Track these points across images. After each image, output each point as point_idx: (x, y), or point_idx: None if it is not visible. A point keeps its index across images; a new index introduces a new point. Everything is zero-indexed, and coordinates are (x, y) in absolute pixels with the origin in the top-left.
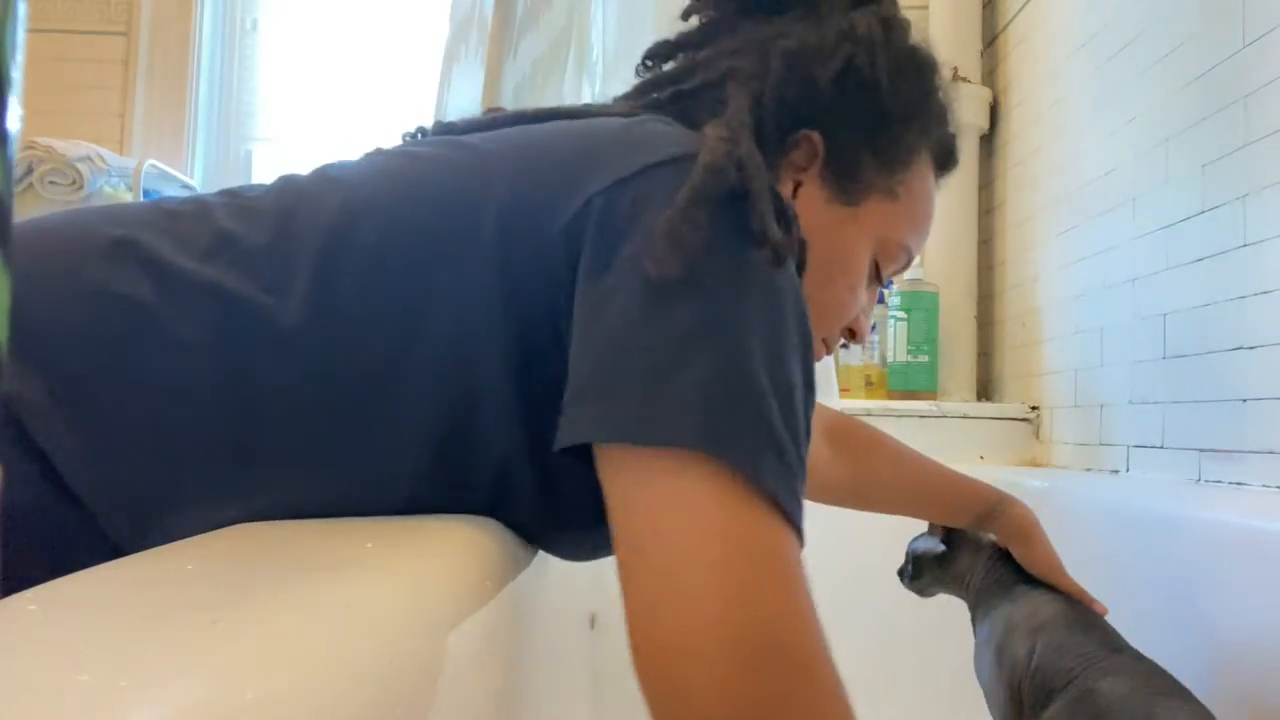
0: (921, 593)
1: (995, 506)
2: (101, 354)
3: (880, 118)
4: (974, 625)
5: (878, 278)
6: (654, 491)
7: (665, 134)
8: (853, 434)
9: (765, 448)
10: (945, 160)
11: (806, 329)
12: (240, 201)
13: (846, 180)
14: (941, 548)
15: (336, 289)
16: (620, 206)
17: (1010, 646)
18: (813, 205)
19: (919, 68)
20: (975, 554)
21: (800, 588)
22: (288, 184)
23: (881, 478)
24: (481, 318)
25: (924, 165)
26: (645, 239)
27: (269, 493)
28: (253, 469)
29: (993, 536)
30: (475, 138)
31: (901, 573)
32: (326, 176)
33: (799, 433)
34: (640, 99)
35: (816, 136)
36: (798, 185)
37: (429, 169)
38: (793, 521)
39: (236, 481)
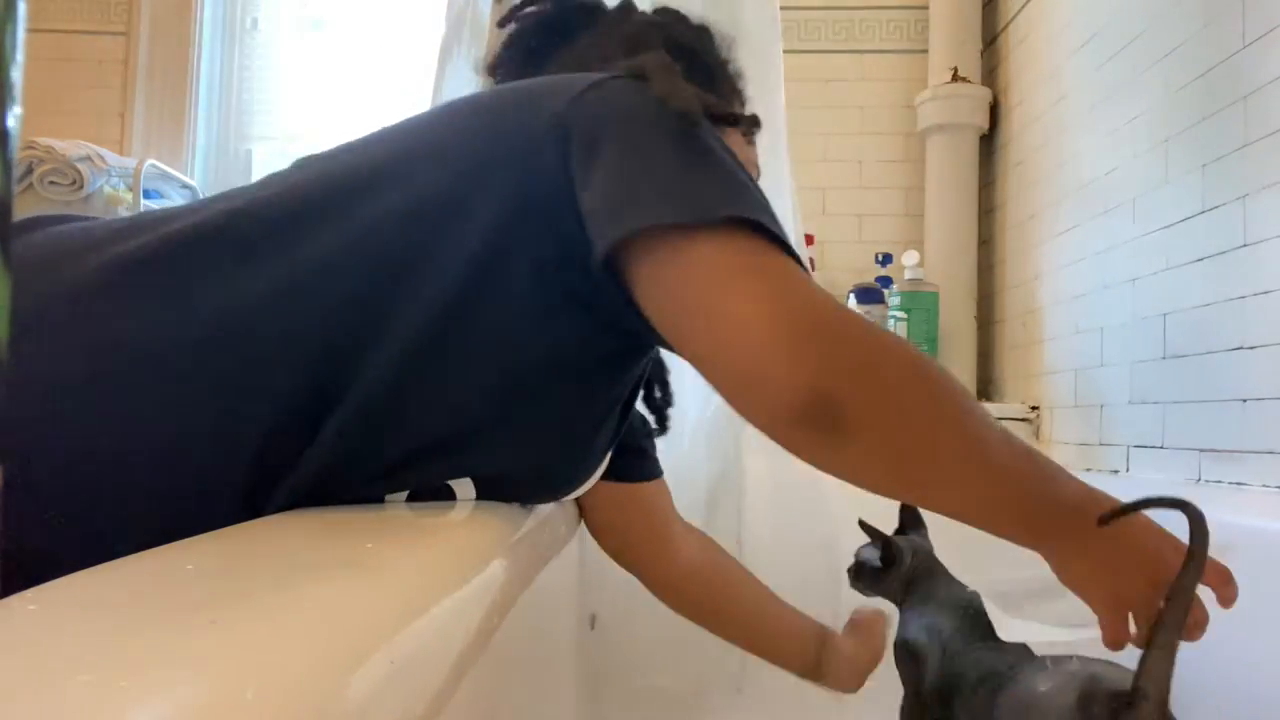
0: (863, 593)
1: (821, 645)
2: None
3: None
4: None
5: None
6: (701, 259)
7: (588, 72)
8: (712, 544)
9: (766, 213)
10: None
11: None
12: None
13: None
14: (878, 563)
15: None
16: (591, 107)
17: (917, 647)
18: None
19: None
20: (897, 578)
21: (820, 290)
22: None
23: (737, 585)
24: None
25: None
26: (627, 116)
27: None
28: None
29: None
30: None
31: (849, 572)
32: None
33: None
34: None
35: None
36: None
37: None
38: (796, 257)
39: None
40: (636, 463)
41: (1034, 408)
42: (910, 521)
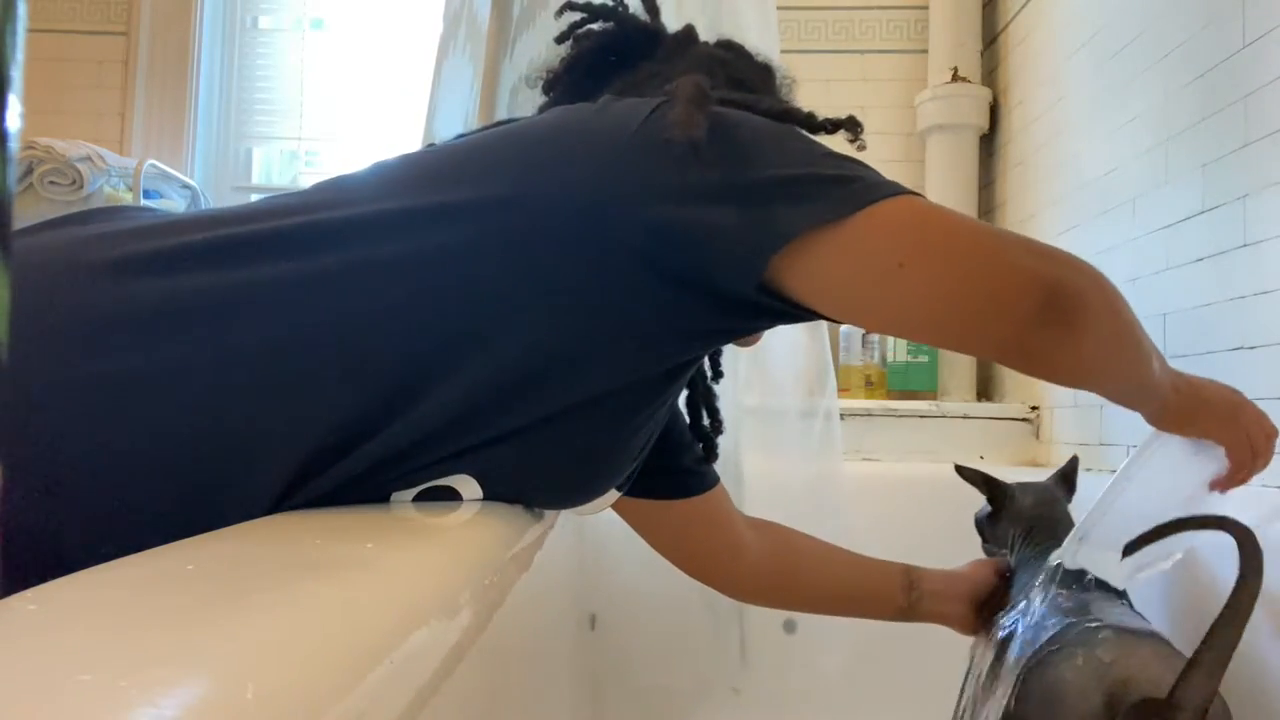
0: (985, 552)
1: (909, 588)
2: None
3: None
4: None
5: None
6: (873, 226)
7: (636, 99)
8: (770, 525)
9: (884, 182)
10: None
11: None
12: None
13: None
14: (988, 508)
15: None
16: (648, 138)
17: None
18: None
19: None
20: (1012, 522)
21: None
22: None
23: (807, 555)
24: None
25: None
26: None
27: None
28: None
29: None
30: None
31: (977, 530)
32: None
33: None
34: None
35: None
36: None
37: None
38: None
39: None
40: (691, 480)
41: (1034, 408)
42: (1063, 477)
